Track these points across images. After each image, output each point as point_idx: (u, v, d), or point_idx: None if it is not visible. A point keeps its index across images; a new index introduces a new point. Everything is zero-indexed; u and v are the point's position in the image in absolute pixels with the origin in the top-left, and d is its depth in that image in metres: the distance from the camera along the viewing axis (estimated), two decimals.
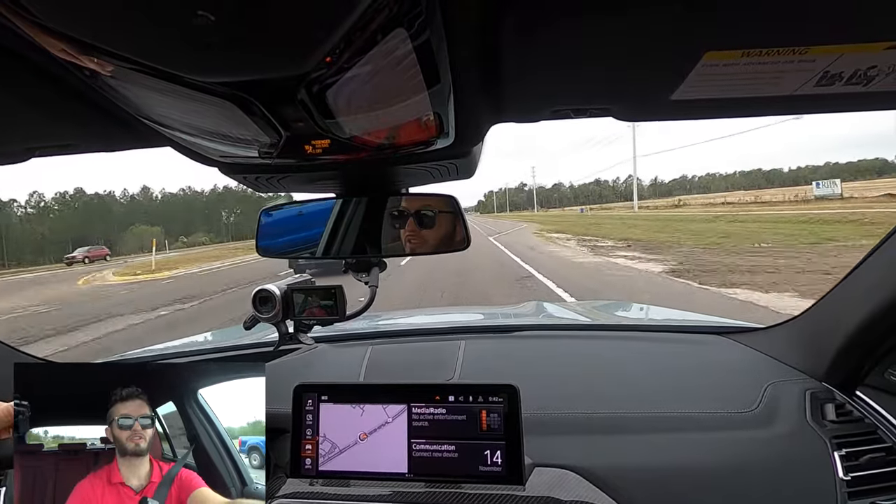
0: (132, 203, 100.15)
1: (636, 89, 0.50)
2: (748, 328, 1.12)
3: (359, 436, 0.70)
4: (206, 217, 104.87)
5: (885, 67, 0.43)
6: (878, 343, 0.77)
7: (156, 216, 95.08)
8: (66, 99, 0.47)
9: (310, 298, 0.98)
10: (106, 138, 0.61)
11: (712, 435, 0.79)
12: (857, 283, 0.81)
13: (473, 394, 0.69)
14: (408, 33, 0.33)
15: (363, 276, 0.89)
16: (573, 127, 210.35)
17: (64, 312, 8.75)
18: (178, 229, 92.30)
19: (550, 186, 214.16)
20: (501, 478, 0.66)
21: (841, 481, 0.71)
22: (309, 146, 0.51)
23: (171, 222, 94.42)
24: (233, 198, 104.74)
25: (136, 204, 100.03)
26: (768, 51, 0.40)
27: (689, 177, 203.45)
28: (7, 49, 0.37)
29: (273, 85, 0.37)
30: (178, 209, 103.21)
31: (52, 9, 0.27)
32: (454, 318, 1.64)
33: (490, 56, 0.41)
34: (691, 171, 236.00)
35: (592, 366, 1.02)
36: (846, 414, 0.81)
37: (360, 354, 1.10)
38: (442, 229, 0.81)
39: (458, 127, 0.54)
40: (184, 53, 0.31)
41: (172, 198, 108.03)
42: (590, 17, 0.37)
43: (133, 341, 5.58)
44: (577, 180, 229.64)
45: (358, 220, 0.83)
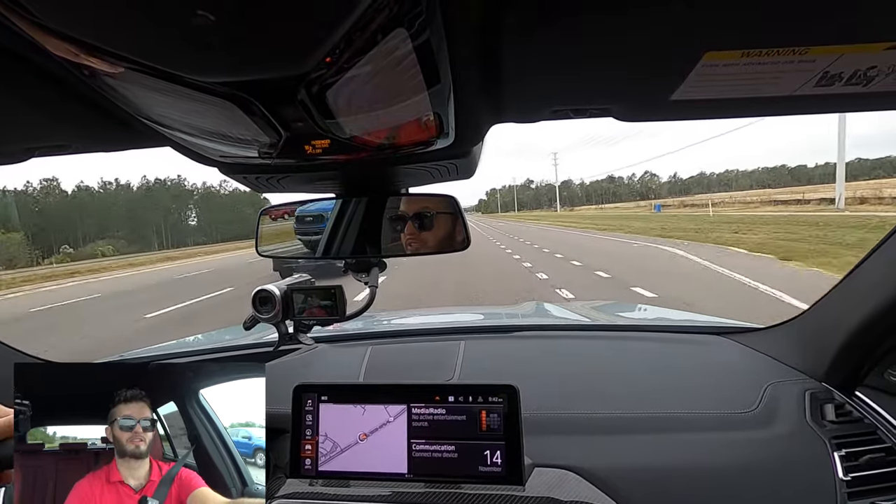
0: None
1: (636, 89, 0.50)
2: (748, 328, 1.12)
3: (358, 436, 0.70)
4: (134, 218, 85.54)
5: (885, 68, 0.43)
6: (877, 343, 0.77)
7: (32, 216, 72.52)
8: (66, 99, 0.47)
9: (309, 299, 0.98)
10: (105, 138, 0.61)
11: (712, 435, 0.79)
12: (857, 284, 0.81)
13: (473, 394, 0.69)
14: (408, 33, 0.33)
15: (363, 277, 0.89)
16: (581, 123, 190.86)
17: None
18: (69, 236, 73.08)
19: (560, 183, 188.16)
20: (501, 478, 0.66)
21: (841, 482, 0.71)
22: (309, 146, 0.51)
23: (67, 224, 72.78)
24: (169, 195, 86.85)
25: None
26: (768, 51, 0.40)
27: (708, 173, 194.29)
28: (6, 49, 0.37)
29: (273, 85, 0.37)
30: (82, 209, 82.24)
31: (52, 9, 0.27)
32: (454, 318, 1.64)
33: (490, 56, 0.41)
34: (709, 167, 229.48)
35: (592, 366, 1.02)
36: (846, 414, 0.81)
37: (359, 354, 1.10)
38: (441, 230, 0.81)
39: (458, 127, 0.54)
40: (183, 53, 0.31)
41: (81, 193, 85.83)
42: (590, 17, 0.37)
43: None
44: (588, 177, 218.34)
45: (358, 220, 0.83)
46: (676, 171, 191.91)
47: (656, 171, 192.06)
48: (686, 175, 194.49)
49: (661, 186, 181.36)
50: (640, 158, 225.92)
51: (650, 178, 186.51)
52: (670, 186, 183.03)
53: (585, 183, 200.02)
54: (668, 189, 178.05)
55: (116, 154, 0.67)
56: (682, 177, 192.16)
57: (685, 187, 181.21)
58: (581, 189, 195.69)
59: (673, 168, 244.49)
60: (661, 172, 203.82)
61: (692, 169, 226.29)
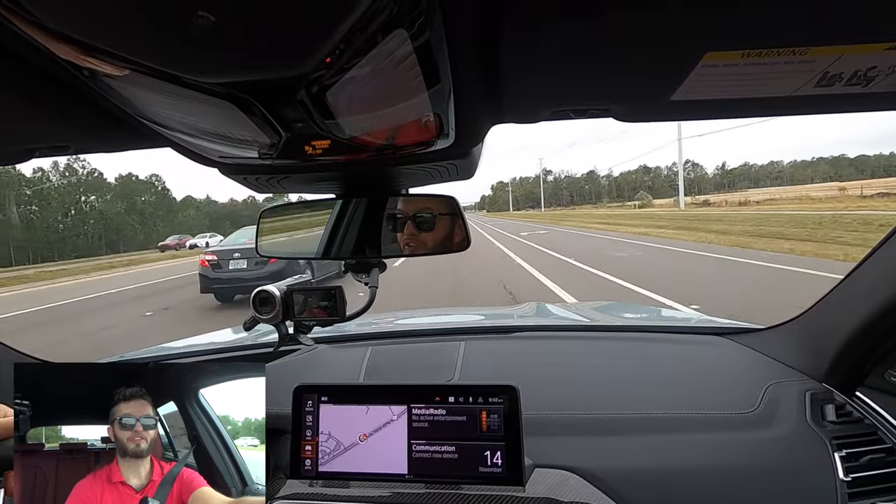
0: None
1: (636, 90, 0.50)
2: (748, 329, 1.12)
3: (359, 437, 0.70)
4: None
5: (885, 68, 0.43)
6: (878, 343, 0.77)
7: None
8: (66, 99, 0.47)
9: (309, 299, 0.98)
10: (105, 139, 0.61)
11: (712, 436, 0.79)
12: (857, 284, 0.81)
13: (473, 394, 0.69)
14: (408, 34, 0.34)
15: (363, 277, 0.89)
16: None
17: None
18: None
19: (581, 175, 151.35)
20: (501, 479, 0.66)
21: (841, 482, 0.71)
22: (309, 147, 0.51)
23: None
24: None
25: None
26: (768, 51, 0.40)
27: (750, 164, 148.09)
28: (6, 49, 0.37)
29: (273, 85, 0.37)
30: None
31: (52, 9, 0.27)
32: (454, 318, 1.64)
33: (490, 56, 0.41)
34: (752, 157, 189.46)
35: (592, 366, 1.01)
36: (846, 415, 0.81)
37: (359, 355, 1.10)
38: (441, 231, 0.81)
39: (458, 127, 0.54)
40: (183, 54, 0.31)
41: None
42: (590, 18, 0.37)
43: None
44: (616, 167, 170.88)
45: (358, 220, 0.83)
46: (725, 161, 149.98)
47: (699, 161, 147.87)
48: (732, 165, 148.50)
49: (706, 180, 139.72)
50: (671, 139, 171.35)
51: (691, 167, 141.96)
52: (717, 179, 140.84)
53: (614, 175, 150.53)
54: (714, 183, 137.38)
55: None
56: (731, 166, 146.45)
57: (731, 180, 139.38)
58: (609, 182, 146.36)
59: (719, 156, 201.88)
60: (704, 162, 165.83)
61: (734, 160, 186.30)
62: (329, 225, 0.86)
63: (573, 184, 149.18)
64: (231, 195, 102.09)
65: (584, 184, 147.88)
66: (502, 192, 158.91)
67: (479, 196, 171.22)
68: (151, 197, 75.97)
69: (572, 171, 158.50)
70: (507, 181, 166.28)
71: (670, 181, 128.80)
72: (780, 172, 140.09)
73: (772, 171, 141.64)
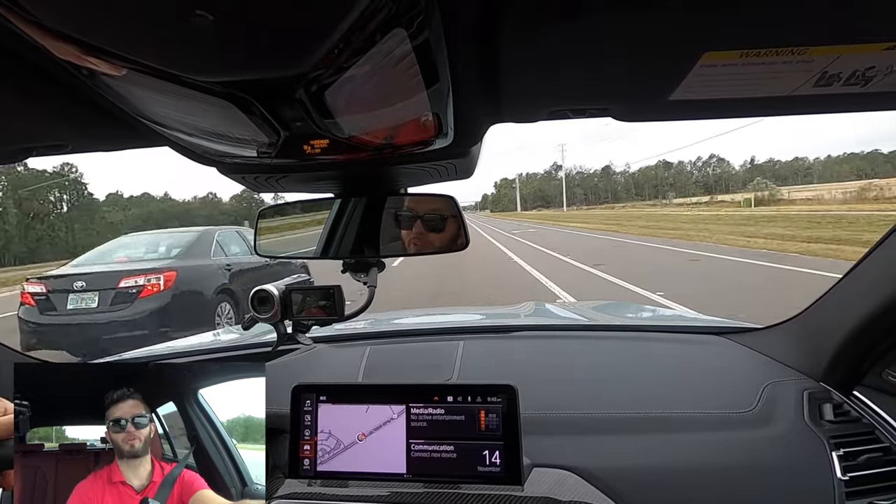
0: None
1: (635, 90, 0.50)
2: (746, 328, 1.12)
3: (357, 436, 0.70)
4: None
5: (884, 68, 0.43)
6: (875, 343, 0.78)
7: None
8: (64, 98, 0.47)
9: (308, 299, 0.98)
10: (103, 138, 0.61)
11: (710, 435, 0.79)
12: (856, 283, 0.81)
13: (472, 394, 0.69)
14: (407, 33, 0.34)
15: (362, 277, 0.89)
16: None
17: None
18: None
19: (595, 171, 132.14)
20: (500, 478, 0.66)
21: (839, 481, 0.71)
22: (308, 146, 0.51)
23: None
24: None
25: None
26: (767, 51, 0.40)
27: (774, 160, 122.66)
28: (4, 48, 0.37)
29: (272, 84, 0.37)
30: None
31: (51, 8, 0.27)
32: (453, 318, 1.64)
33: (489, 56, 0.41)
34: (776, 153, 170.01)
35: (591, 366, 1.02)
36: (844, 414, 0.81)
37: (358, 355, 1.10)
38: (440, 230, 0.82)
39: (457, 127, 0.54)
40: (182, 53, 0.31)
41: None
42: (589, 17, 0.37)
43: None
44: (635, 162, 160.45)
45: (357, 220, 0.83)
46: (754, 156, 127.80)
47: (724, 156, 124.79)
48: (759, 160, 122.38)
49: (733, 177, 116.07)
50: (696, 137, 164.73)
51: (716, 162, 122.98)
52: (745, 174, 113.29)
53: (631, 170, 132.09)
54: (743, 180, 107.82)
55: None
56: (760, 160, 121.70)
57: (749, 177, 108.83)
58: (626, 179, 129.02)
59: (746, 151, 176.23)
60: (730, 157, 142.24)
61: (761, 155, 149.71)
62: (328, 224, 0.86)
63: (586, 180, 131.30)
64: (195, 192, 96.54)
65: (598, 180, 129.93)
66: (507, 189, 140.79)
67: (481, 195, 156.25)
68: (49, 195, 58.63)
69: (585, 166, 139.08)
70: (512, 178, 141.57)
71: (694, 178, 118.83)
72: (808, 169, 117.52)
73: (798, 168, 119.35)
